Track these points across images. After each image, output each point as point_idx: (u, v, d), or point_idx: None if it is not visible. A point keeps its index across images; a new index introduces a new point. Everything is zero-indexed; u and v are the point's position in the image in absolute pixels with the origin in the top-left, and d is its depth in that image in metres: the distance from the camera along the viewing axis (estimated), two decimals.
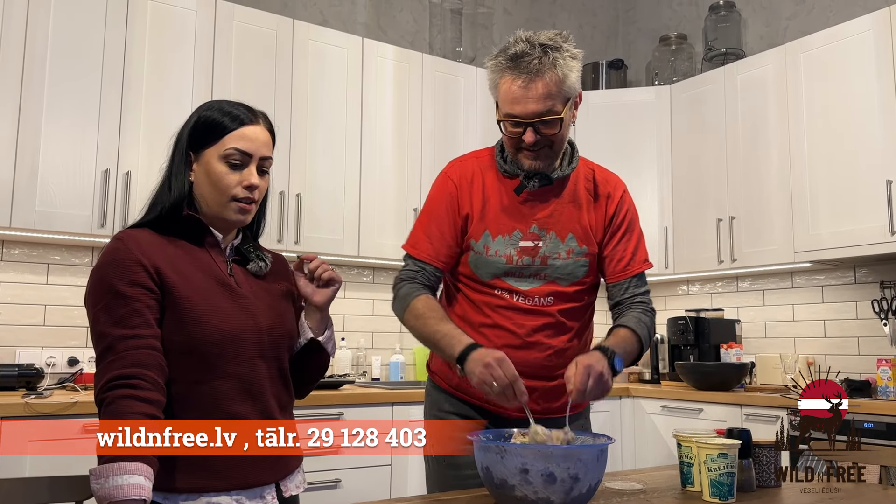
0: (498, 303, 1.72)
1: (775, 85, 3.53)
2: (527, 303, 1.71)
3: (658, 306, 4.45)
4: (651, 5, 4.75)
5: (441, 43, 4.10)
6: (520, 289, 1.71)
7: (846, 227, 3.20)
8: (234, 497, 1.32)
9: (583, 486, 1.26)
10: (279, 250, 3.13)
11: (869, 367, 3.34)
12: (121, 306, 1.27)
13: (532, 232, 1.71)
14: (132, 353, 1.23)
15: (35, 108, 2.70)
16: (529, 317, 1.71)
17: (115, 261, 1.31)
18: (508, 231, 1.71)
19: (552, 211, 1.72)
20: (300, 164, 3.24)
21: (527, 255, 1.70)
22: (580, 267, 1.72)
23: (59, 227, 2.73)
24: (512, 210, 1.72)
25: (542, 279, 1.71)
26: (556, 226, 1.72)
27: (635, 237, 1.81)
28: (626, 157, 4.10)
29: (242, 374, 1.35)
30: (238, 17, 3.18)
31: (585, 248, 1.72)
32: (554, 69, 1.59)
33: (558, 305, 1.71)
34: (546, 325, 1.71)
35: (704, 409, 3.33)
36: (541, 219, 1.72)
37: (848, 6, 3.67)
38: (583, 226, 1.73)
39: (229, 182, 1.37)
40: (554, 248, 1.71)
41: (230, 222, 1.41)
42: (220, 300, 1.35)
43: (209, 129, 1.40)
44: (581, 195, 1.75)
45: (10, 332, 2.87)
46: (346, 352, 3.55)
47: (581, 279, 1.73)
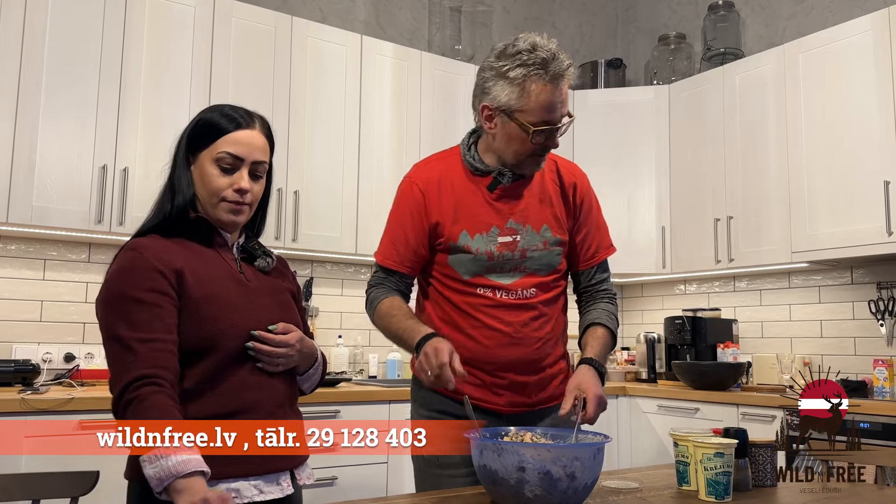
0: (482, 302, 1.74)
1: (774, 85, 3.53)
2: (511, 297, 1.74)
3: (655, 305, 4.50)
4: (650, 5, 4.75)
5: (440, 41, 4.09)
6: (503, 284, 1.74)
7: (843, 228, 3.20)
8: (252, 482, 1.35)
9: (579, 485, 1.27)
10: (277, 247, 3.14)
11: (865, 368, 3.35)
12: (139, 312, 1.28)
13: (509, 227, 1.75)
14: (153, 355, 1.25)
15: (33, 102, 2.70)
16: (515, 312, 1.74)
17: (132, 269, 1.32)
18: (486, 228, 1.74)
19: (526, 204, 1.76)
20: (298, 161, 3.23)
21: (507, 250, 1.74)
22: (556, 256, 1.79)
23: (56, 223, 2.73)
24: (487, 207, 1.75)
25: (522, 272, 1.75)
26: (531, 218, 1.76)
27: (601, 224, 1.87)
28: (624, 156, 4.10)
29: (255, 365, 1.39)
30: (237, 13, 3.17)
31: (559, 238, 1.78)
32: (568, 72, 1.67)
33: (540, 296, 1.77)
34: (532, 318, 1.75)
35: (701, 409, 3.34)
36: (516, 213, 1.75)
37: (847, 7, 3.67)
38: (555, 216, 1.78)
39: (219, 185, 1.39)
40: (531, 241, 1.75)
41: (223, 223, 1.43)
42: (236, 297, 1.39)
43: (205, 131, 1.42)
44: (549, 186, 1.80)
45: (6, 328, 2.86)
46: (343, 350, 3.55)
47: (556, 268, 1.80)
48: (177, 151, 1.44)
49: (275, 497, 1.38)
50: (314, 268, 3.62)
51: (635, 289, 4.63)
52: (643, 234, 4.04)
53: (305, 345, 1.46)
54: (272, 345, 1.39)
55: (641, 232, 4.04)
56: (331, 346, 3.58)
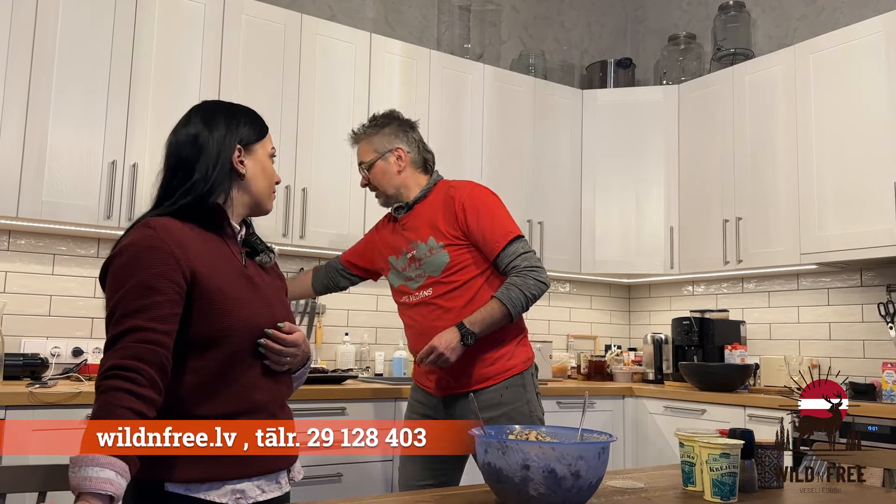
0: (403, 307, 2.31)
1: (784, 86, 3.52)
2: (413, 299, 2.25)
3: (662, 306, 4.49)
4: (660, 4, 4.74)
5: (449, 39, 4.09)
6: (410, 289, 2.26)
7: (853, 230, 3.19)
8: (255, 483, 1.36)
9: (584, 484, 1.26)
10: (285, 244, 3.16)
11: (874, 371, 3.33)
12: (142, 297, 1.25)
13: (411, 245, 2.25)
14: (138, 346, 1.23)
15: (43, 98, 2.71)
16: (416, 309, 2.24)
17: (148, 248, 1.29)
18: (398, 252, 2.30)
19: (416, 225, 2.26)
20: (306, 158, 3.24)
21: (413, 263, 2.25)
22: (443, 256, 2.19)
23: (66, 218, 2.74)
24: (396, 235, 2.33)
25: (423, 277, 2.22)
26: (421, 234, 2.23)
27: (494, 219, 2.19)
28: (632, 156, 4.09)
29: (263, 364, 1.39)
30: (247, 10, 3.18)
31: (442, 243, 2.19)
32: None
33: (436, 292, 2.20)
34: (429, 311, 2.20)
35: (708, 410, 3.32)
36: (411, 233, 2.26)
37: (858, 7, 3.65)
38: (437, 227, 2.21)
39: (278, 177, 1.55)
40: (422, 251, 2.22)
41: (268, 211, 1.54)
42: (245, 292, 1.39)
43: (258, 125, 1.52)
44: (436, 207, 2.24)
45: (15, 322, 2.88)
46: (349, 347, 3.55)
47: (447, 265, 2.18)
48: (206, 140, 1.43)
49: (274, 496, 1.39)
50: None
51: (643, 289, 4.62)
52: (651, 234, 4.03)
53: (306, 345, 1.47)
54: (284, 345, 1.39)
55: (649, 232, 4.04)
56: (337, 344, 3.58)
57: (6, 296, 2.88)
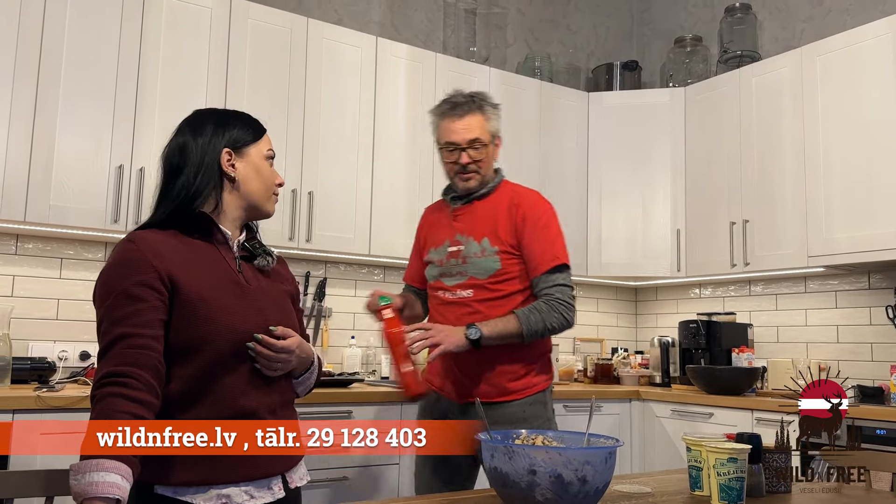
0: (435, 302, 2.21)
1: (791, 88, 3.51)
2: (449, 296, 2.15)
3: (669, 309, 4.47)
4: (666, 7, 4.73)
5: (455, 42, 4.09)
6: (447, 285, 2.16)
7: (861, 233, 3.17)
8: (242, 488, 1.34)
9: (590, 489, 1.26)
10: (291, 248, 3.16)
11: (882, 374, 3.31)
12: (125, 305, 1.28)
13: (456, 239, 2.16)
14: (128, 352, 1.24)
15: (51, 102, 2.72)
16: (451, 308, 2.13)
17: (125, 261, 1.33)
18: (440, 243, 2.20)
19: (472, 221, 2.16)
20: (312, 162, 3.24)
21: (453, 258, 2.15)
22: (494, 262, 2.10)
23: (73, 222, 2.75)
24: (445, 226, 2.22)
25: (465, 276, 2.13)
26: (475, 232, 2.14)
27: (544, 240, 2.11)
28: (639, 158, 4.09)
29: (252, 370, 1.38)
30: (253, 14, 3.19)
31: (497, 248, 2.10)
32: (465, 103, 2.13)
33: (478, 296, 2.11)
34: (464, 314, 2.09)
35: (715, 414, 3.31)
36: (464, 228, 2.16)
37: (865, 9, 3.64)
38: (495, 230, 2.12)
39: (276, 178, 1.53)
40: (471, 249, 2.13)
41: (269, 214, 1.52)
42: (232, 298, 1.38)
43: (252, 128, 1.50)
44: (499, 207, 2.15)
45: (23, 326, 2.89)
46: (355, 350, 3.55)
47: (497, 271, 2.10)
48: (191, 147, 1.45)
49: (266, 502, 1.37)
50: (328, 268, 3.63)
51: (650, 292, 4.60)
52: (658, 237, 4.02)
53: (303, 349, 1.45)
54: (274, 350, 1.38)
55: (656, 235, 4.03)
56: (343, 347, 3.58)
57: (14, 299, 2.89)
